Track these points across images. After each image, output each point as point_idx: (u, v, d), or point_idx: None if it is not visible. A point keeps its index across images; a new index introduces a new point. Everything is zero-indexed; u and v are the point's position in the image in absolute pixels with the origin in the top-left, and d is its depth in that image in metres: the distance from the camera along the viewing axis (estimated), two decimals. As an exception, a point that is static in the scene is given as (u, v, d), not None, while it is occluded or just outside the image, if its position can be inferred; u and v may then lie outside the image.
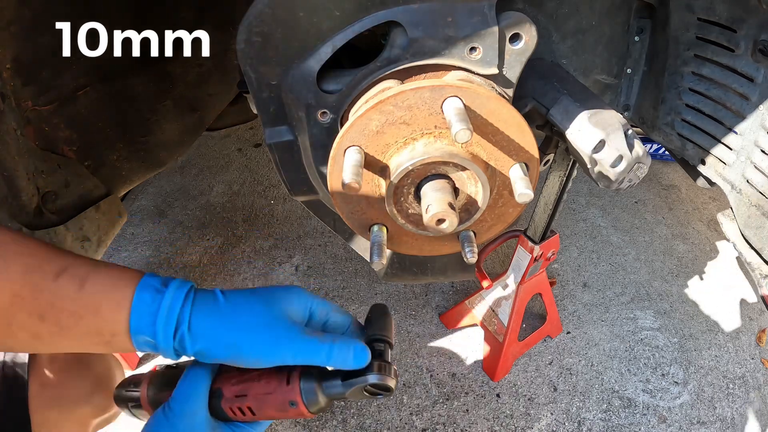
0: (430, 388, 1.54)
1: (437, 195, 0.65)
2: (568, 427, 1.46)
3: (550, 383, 1.56)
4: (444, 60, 0.68)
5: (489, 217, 0.75)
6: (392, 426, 1.45)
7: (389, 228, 0.73)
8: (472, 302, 1.60)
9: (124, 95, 1.11)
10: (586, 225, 2.09)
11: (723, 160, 0.97)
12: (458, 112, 0.59)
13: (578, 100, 0.76)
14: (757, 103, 0.86)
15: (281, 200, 2.18)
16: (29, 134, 0.96)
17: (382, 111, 0.63)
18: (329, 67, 0.70)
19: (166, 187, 2.28)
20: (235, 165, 2.37)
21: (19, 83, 0.91)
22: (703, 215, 2.13)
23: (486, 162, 0.67)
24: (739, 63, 0.86)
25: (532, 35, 0.67)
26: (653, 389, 1.55)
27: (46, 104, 0.97)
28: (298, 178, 0.87)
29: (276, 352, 0.63)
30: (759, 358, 1.64)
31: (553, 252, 1.38)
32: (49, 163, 1.00)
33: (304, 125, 0.74)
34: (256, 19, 0.66)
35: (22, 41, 0.87)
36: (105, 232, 1.14)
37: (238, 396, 0.70)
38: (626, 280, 1.87)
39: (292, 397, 0.67)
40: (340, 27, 0.67)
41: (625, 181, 0.74)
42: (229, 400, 0.70)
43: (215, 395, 0.70)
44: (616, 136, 0.72)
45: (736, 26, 0.83)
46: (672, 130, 1.03)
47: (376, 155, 0.66)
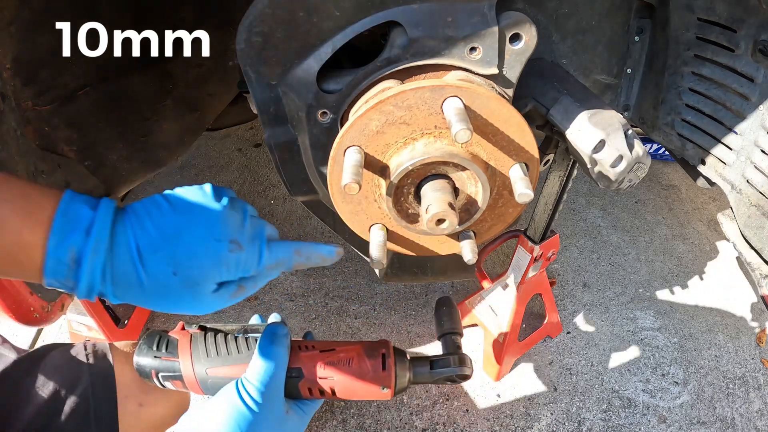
0: (430, 388, 1.54)
1: (437, 195, 0.65)
2: (568, 427, 1.46)
3: (550, 383, 1.56)
4: (444, 60, 0.68)
5: (489, 217, 0.75)
6: (392, 426, 1.45)
7: (389, 228, 0.73)
8: (472, 302, 1.60)
9: (124, 95, 1.11)
10: (586, 225, 2.09)
11: (723, 160, 0.97)
12: (458, 112, 0.59)
13: (578, 100, 0.76)
14: (757, 103, 0.86)
15: (281, 200, 2.18)
16: (29, 134, 0.96)
17: (382, 111, 0.63)
18: (329, 67, 0.70)
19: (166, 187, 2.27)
20: (235, 165, 2.37)
21: (19, 83, 0.91)
22: (703, 215, 2.13)
23: (486, 162, 0.67)
24: (739, 63, 0.86)
25: (532, 35, 0.67)
26: (653, 389, 1.55)
27: (46, 104, 0.97)
28: (298, 178, 0.87)
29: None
30: (759, 358, 1.64)
31: (553, 252, 1.38)
32: (49, 163, 1.00)
33: (304, 125, 0.74)
34: (256, 19, 0.66)
35: (22, 41, 0.87)
36: (105, 232, 1.13)
37: (322, 378, 0.70)
38: (626, 280, 1.87)
39: (386, 382, 0.71)
40: (340, 27, 0.67)
41: (625, 181, 0.74)
42: (310, 381, 0.70)
43: (291, 375, 0.70)
44: (616, 136, 0.72)
45: (736, 26, 0.83)
46: (672, 130, 1.03)
47: (376, 155, 0.66)
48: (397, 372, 0.71)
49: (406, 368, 0.72)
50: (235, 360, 0.70)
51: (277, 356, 0.67)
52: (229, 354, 0.71)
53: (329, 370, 0.70)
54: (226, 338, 0.73)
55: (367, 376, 0.70)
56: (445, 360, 0.73)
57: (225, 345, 0.72)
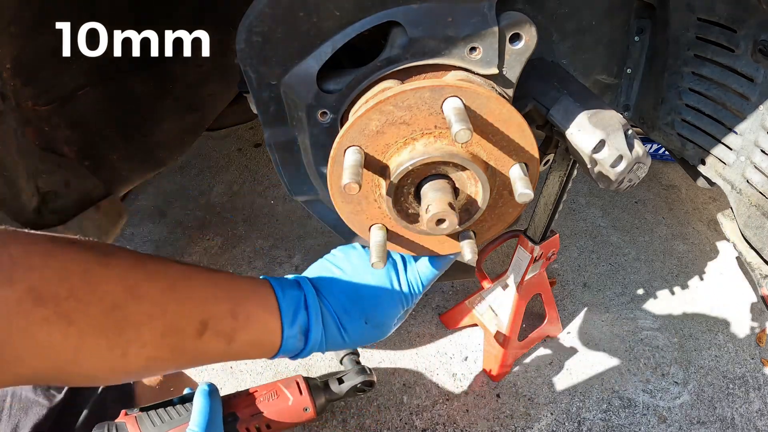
0: (430, 388, 1.54)
1: (437, 195, 0.65)
2: (568, 427, 1.46)
3: (550, 383, 1.56)
4: (444, 60, 0.68)
5: (489, 217, 0.75)
6: (392, 426, 1.45)
7: (389, 228, 0.73)
8: (472, 302, 1.60)
9: (124, 95, 1.11)
10: (586, 225, 2.09)
11: (723, 160, 0.97)
12: (458, 112, 0.59)
13: (578, 100, 0.76)
14: (757, 103, 0.86)
15: (281, 200, 2.18)
16: (29, 134, 0.96)
17: (382, 111, 0.63)
18: (329, 67, 0.70)
19: (166, 187, 2.27)
20: (235, 165, 2.37)
21: (19, 83, 0.91)
22: (703, 215, 2.13)
23: (486, 162, 0.67)
24: (739, 63, 0.86)
25: (532, 35, 0.67)
26: (653, 389, 1.55)
27: (46, 104, 0.97)
28: (298, 178, 0.87)
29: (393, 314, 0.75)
30: (759, 358, 1.64)
31: (553, 252, 1.38)
32: (49, 163, 1.00)
33: (304, 125, 0.74)
34: (256, 19, 0.66)
35: (22, 41, 0.87)
36: (105, 232, 1.14)
37: (254, 415, 0.83)
38: (626, 280, 1.87)
39: (306, 404, 0.86)
40: (340, 27, 0.67)
41: (625, 181, 0.74)
42: (245, 421, 0.82)
43: (227, 420, 0.82)
44: (616, 136, 0.72)
45: (736, 26, 0.83)
46: (672, 130, 1.03)
47: (376, 155, 0.66)
48: (312, 393, 0.87)
49: (320, 389, 0.88)
50: (178, 422, 0.81)
51: (211, 406, 0.77)
52: (171, 419, 0.82)
53: (257, 406, 0.84)
54: (166, 409, 0.84)
55: (289, 403, 0.85)
56: (348, 374, 0.91)
57: (166, 414, 0.83)
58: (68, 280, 0.46)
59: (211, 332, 0.56)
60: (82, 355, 0.48)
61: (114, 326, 0.49)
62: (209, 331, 0.56)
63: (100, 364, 0.50)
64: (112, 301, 0.49)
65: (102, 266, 0.49)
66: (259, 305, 0.62)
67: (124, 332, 0.50)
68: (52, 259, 0.47)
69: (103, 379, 0.63)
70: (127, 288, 0.50)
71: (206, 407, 0.76)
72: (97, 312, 0.48)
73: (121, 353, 0.50)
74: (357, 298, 0.71)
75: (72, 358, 0.47)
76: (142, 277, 0.53)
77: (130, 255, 0.54)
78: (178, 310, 0.54)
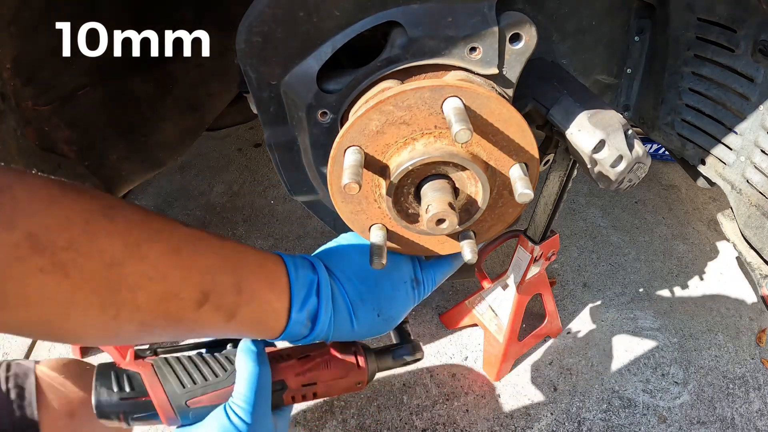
0: (430, 388, 1.54)
1: (437, 195, 0.65)
2: (568, 427, 1.46)
3: (550, 383, 1.56)
4: (444, 60, 0.68)
5: (489, 217, 0.75)
6: (392, 426, 1.45)
7: (389, 228, 0.73)
8: (472, 302, 1.60)
9: (124, 95, 1.11)
10: (586, 225, 2.09)
11: (723, 160, 0.97)
12: (458, 112, 0.59)
13: (578, 100, 0.76)
14: (757, 103, 0.86)
15: (281, 200, 2.18)
16: (29, 134, 0.96)
17: (382, 111, 0.63)
18: (329, 67, 0.70)
19: (166, 187, 2.27)
20: (235, 165, 2.37)
21: (19, 83, 0.91)
22: (703, 215, 2.13)
23: (486, 162, 0.67)
24: (739, 63, 0.86)
25: (532, 35, 0.67)
26: (653, 389, 1.55)
27: (46, 104, 0.97)
28: (298, 178, 0.87)
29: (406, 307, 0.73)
30: (759, 358, 1.64)
31: (553, 252, 1.38)
32: (49, 163, 1.00)
33: (304, 125, 0.74)
34: (256, 19, 0.66)
35: (22, 41, 0.87)
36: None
37: (305, 385, 0.74)
38: (626, 280, 1.87)
39: (361, 378, 0.77)
40: (340, 27, 0.67)
41: (625, 181, 0.74)
42: (294, 390, 0.73)
43: (275, 389, 0.71)
44: (616, 136, 0.72)
45: (736, 26, 0.83)
46: (672, 130, 1.03)
47: (376, 155, 0.66)
48: (369, 367, 0.77)
49: (374, 360, 0.79)
50: (216, 385, 0.66)
51: (261, 375, 0.65)
52: (206, 380, 0.66)
53: (310, 375, 0.73)
54: (194, 362, 0.68)
55: (344, 374, 0.75)
56: (403, 348, 0.83)
57: (197, 371, 0.67)
58: (69, 230, 0.44)
59: (212, 305, 0.52)
60: (72, 310, 0.45)
61: (109, 284, 0.46)
62: (209, 304, 0.52)
63: (90, 322, 0.47)
64: (111, 256, 0.46)
65: (106, 219, 0.46)
66: (267, 283, 0.57)
67: (119, 292, 0.47)
68: (56, 206, 0.44)
69: (91, 339, 0.60)
70: (128, 245, 0.47)
71: (254, 375, 0.63)
72: (94, 267, 0.45)
73: (113, 314, 0.47)
74: (374, 288, 0.67)
75: (62, 313, 0.45)
76: (145, 236, 0.49)
77: (137, 211, 0.50)
78: (179, 276, 0.50)
